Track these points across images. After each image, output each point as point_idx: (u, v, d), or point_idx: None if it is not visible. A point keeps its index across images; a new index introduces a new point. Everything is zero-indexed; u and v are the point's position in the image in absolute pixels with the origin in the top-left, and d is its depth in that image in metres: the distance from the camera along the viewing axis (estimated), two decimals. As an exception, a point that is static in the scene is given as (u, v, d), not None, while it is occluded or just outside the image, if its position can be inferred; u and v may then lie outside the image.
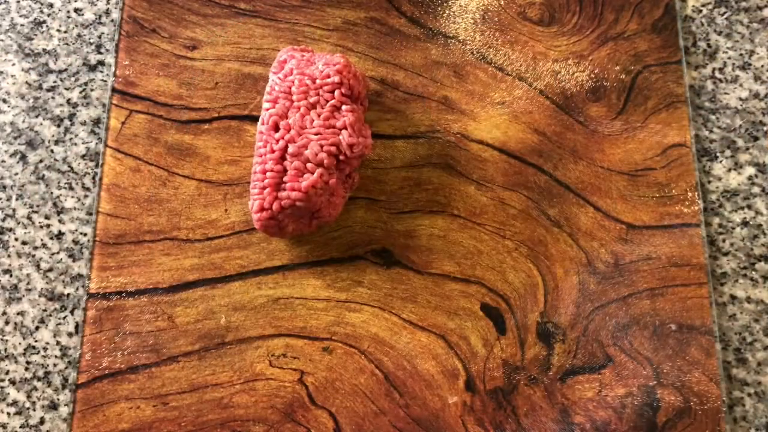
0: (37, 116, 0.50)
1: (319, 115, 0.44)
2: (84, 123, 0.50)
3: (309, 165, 0.43)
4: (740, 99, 0.52)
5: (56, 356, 0.46)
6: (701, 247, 0.48)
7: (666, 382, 0.45)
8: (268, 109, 0.44)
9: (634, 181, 0.49)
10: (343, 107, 0.44)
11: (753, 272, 0.48)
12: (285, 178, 0.43)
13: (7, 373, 0.46)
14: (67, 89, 0.51)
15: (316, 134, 0.43)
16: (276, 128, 0.43)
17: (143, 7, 0.52)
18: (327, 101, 0.44)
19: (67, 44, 0.52)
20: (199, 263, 0.46)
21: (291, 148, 0.43)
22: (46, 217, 0.48)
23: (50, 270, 0.47)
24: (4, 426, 0.45)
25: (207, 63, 0.50)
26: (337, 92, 0.44)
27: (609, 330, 0.46)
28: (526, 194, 0.48)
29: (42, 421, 0.45)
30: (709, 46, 0.53)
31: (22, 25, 0.53)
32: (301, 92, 0.44)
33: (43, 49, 0.52)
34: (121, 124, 0.49)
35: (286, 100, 0.44)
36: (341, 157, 0.44)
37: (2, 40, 0.52)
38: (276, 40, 0.51)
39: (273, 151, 0.43)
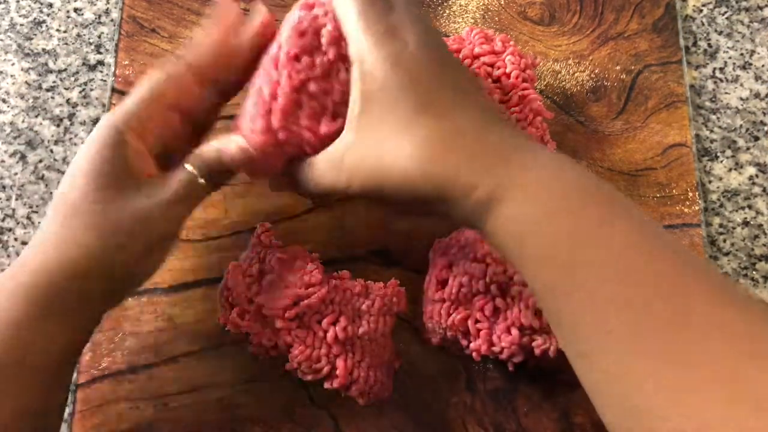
0: (36, 116, 0.50)
1: (347, 69, 0.36)
2: (84, 123, 0.50)
3: (326, 112, 0.36)
4: (741, 99, 0.52)
5: (56, 356, 0.46)
6: (702, 247, 0.47)
7: (666, 382, 0.45)
8: (290, 39, 0.36)
9: (634, 181, 0.49)
10: None
11: (754, 272, 0.48)
12: (299, 113, 0.37)
13: (7, 373, 0.46)
14: (66, 89, 0.51)
15: (340, 84, 0.36)
16: (298, 60, 0.36)
17: (143, 7, 0.52)
18: None
19: (66, 44, 0.52)
20: (199, 263, 0.46)
21: (312, 85, 0.36)
22: (46, 217, 0.48)
23: (50, 270, 0.47)
24: (3, 426, 0.45)
25: (207, 63, 0.50)
26: None
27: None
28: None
29: (42, 422, 0.45)
30: (709, 45, 0.53)
31: (21, 24, 0.52)
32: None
33: (43, 49, 0.52)
34: (121, 124, 0.49)
35: (314, 39, 0.36)
36: None
37: (2, 40, 0.52)
38: (276, 40, 0.51)
39: (291, 78, 0.36)
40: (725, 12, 0.54)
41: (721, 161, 0.50)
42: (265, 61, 0.38)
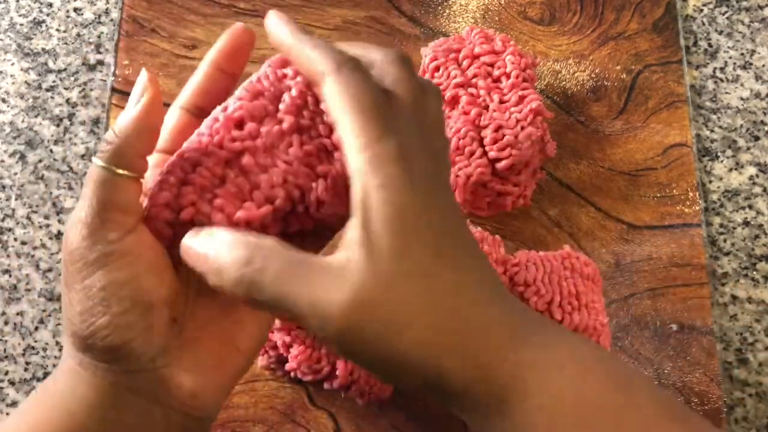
0: (36, 116, 0.50)
1: (301, 144, 0.29)
2: (83, 123, 0.50)
3: (256, 193, 0.29)
4: (741, 98, 0.52)
5: (56, 357, 0.46)
6: (702, 247, 0.47)
7: (667, 382, 0.45)
8: (241, 99, 0.29)
9: (635, 180, 0.49)
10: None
11: (754, 272, 0.48)
12: (218, 190, 0.28)
13: (7, 373, 0.46)
14: (66, 89, 0.51)
15: (286, 162, 0.29)
16: (240, 126, 0.29)
17: (143, 7, 0.52)
18: (319, 134, 0.30)
19: (66, 44, 0.52)
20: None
21: (245, 158, 0.29)
22: (46, 217, 0.48)
23: (49, 270, 0.47)
24: (3, 426, 0.45)
25: (207, 62, 0.50)
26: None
27: (610, 330, 0.46)
28: (526, 194, 0.48)
29: (41, 422, 0.45)
30: (710, 45, 0.53)
31: (21, 24, 0.52)
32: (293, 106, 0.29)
33: (43, 49, 0.52)
34: (121, 124, 0.49)
35: (270, 104, 0.30)
36: (299, 209, 0.29)
37: (1, 40, 0.52)
38: (276, 40, 0.51)
39: (221, 147, 0.29)
40: (725, 12, 0.54)
41: (722, 161, 0.50)
42: (207, 117, 0.30)
